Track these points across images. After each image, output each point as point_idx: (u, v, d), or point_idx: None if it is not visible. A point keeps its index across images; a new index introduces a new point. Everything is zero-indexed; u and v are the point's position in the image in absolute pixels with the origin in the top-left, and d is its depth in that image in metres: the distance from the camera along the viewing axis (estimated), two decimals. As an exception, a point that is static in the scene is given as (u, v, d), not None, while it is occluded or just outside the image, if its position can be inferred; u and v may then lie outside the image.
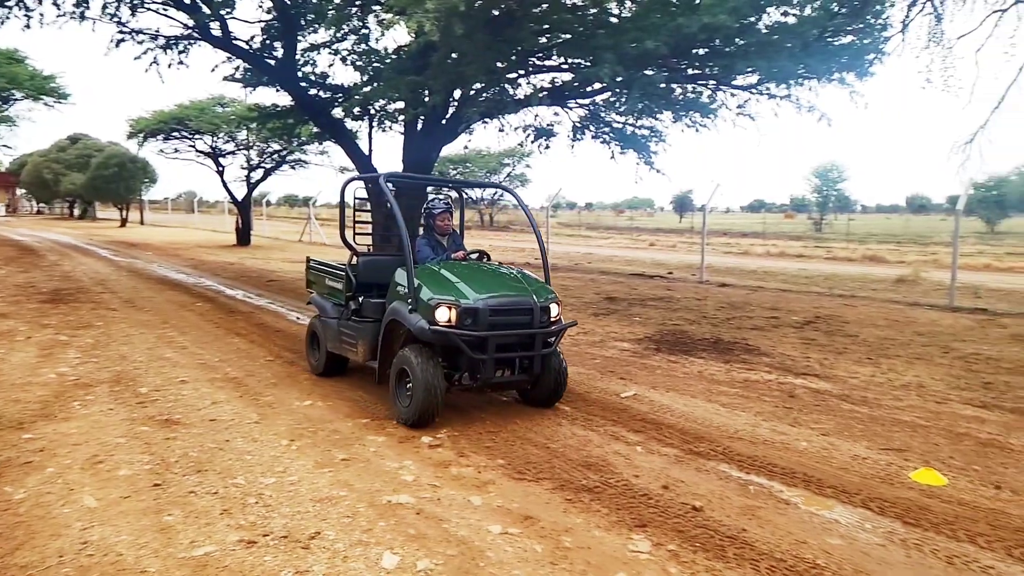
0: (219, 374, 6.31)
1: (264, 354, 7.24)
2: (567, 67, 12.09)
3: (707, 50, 10.19)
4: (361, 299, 5.74)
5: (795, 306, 11.07)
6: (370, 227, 7.07)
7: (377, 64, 12.21)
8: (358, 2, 10.37)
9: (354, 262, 6.05)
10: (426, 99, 11.29)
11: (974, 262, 19.37)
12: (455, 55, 9.62)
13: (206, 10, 11.08)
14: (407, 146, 14.66)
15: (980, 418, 5.41)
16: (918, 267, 16.40)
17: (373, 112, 15.00)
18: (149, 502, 3.50)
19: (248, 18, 13.49)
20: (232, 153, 27.09)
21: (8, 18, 11.17)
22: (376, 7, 10.47)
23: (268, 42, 12.67)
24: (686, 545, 3.23)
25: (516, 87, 12.86)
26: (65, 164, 42.04)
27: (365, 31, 11.84)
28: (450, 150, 46.78)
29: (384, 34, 12.14)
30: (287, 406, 5.34)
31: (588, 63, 10.22)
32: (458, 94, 12.92)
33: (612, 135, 13.66)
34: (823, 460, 4.47)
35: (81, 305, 10.14)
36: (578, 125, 13.91)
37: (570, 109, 13.81)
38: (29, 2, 10.96)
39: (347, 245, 6.21)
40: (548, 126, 14.28)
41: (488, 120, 13.89)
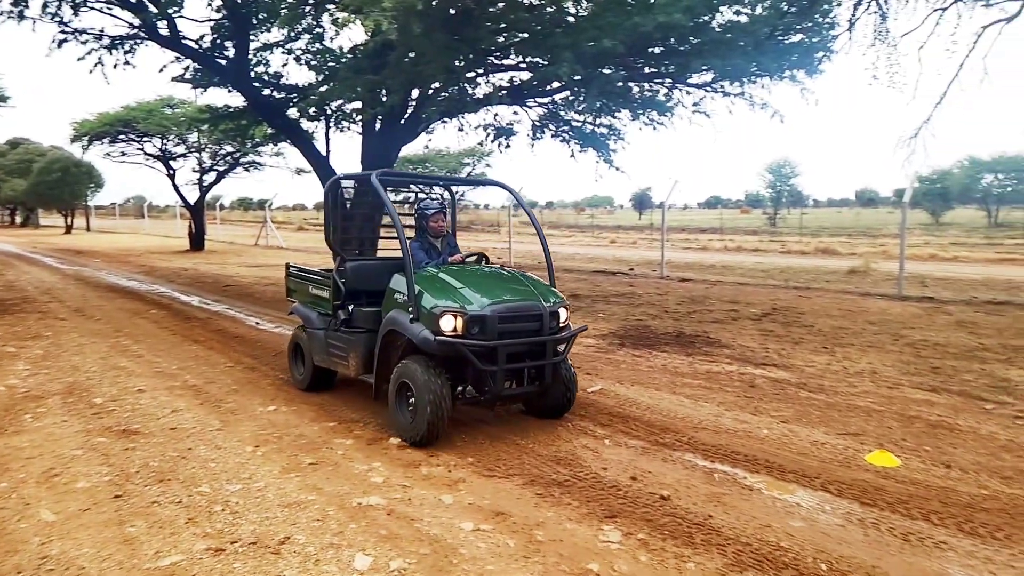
0: (178, 382, 6.16)
1: (224, 360, 7.09)
2: (525, 66, 12.13)
3: (663, 49, 10.36)
4: (351, 308, 5.33)
5: (753, 299, 11.35)
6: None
7: (332, 64, 12.06)
8: (311, 0, 10.20)
9: (341, 268, 5.59)
10: (384, 99, 11.20)
11: (920, 253, 20.13)
12: (413, 54, 9.56)
13: (153, 9, 10.76)
14: (365, 146, 14.50)
15: (929, 401, 5.63)
16: (868, 259, 16.98)
17: (329, 112, 14.79)
18: (110, 514, 3.40)
19: (197, 17, 13.08)
20: (183, 156, 26.39)
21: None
22: (330, 6, 10.34)
23: (219, 41, 12.36)
24: (655, 533, 3.29)
25: (475, 86, 12.85)
26: (5, 170, 40.38)
27: (319, 30, 11.67)
28: (410, 150, 46.43)
29: (339, 33, 11.97)
30: (250, 412, 5.24)
31: (546, 62, 10.28)
32: (416, 93, 12.85)
33: (572, 134, 13.77)
34: (784, 446, 4.60)
35: (28, 315, 9.75)
36: (538, 124, 13.98)
37: (529, 108, 13.86)
38: (-38, 2, 10.50)
39: (334, 250, 5.76)
40: (508, 125, 14.30)
41: (448, 119, 13.85)
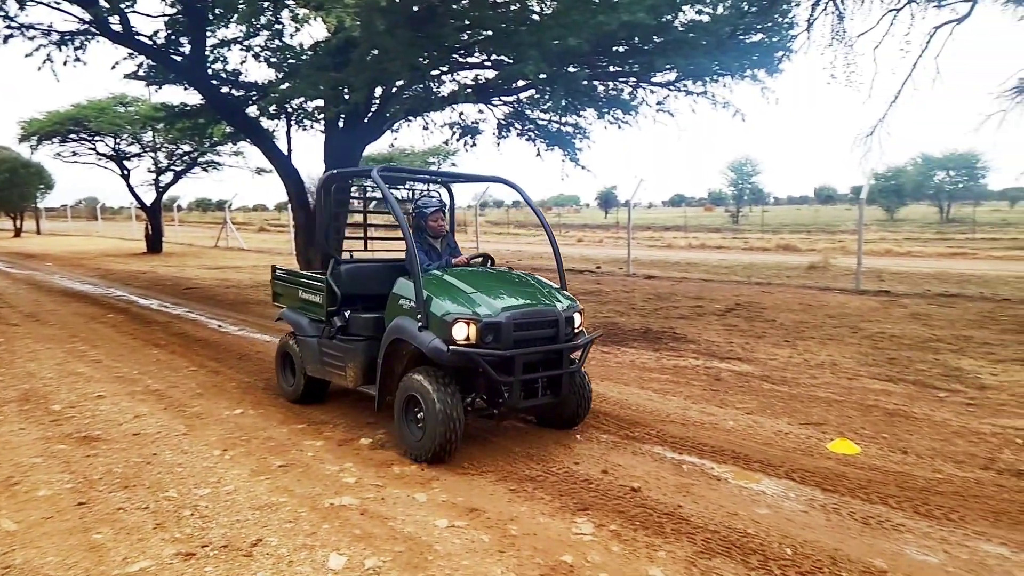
0: (139, 387, 6.01)
1: (187, 364, 6.94)
2: (490, 64, 12.13)
3: (627, 48, 10.47)
4: (348, 314, 4.98)
5: (717, 295, 11.56)
6: (354, 231, 5.97)
7: (293, 61, 11.86)
8: (271, -5, 10.04)
9: (334, 271, 5.20)
10: (347, 97, 11.08)
11: (877, 248, 20.76)
12: (376, 51, 9.48)
13: (104, 3, 10.44)
14: (329, 145, 14.33)
15: (887, 391, 5.83)
16: (827, 254, 17.45)
17: (291, 110, 14.57)
18: (74, 521, 3.31)
19: (151, 12, 12.71)
20: (138, 155, 25.56)
21: None
22: (290, 1, 10.19)
23: (173, 37, 12.04)
24: (627, 524, 3.35)
25: (440, 84, 12.81)
26: (-51, 171, 38.65)
27: (278, 26, 11.47)
28: (374, 149, 45.95)
29: (299, 30, 11.78)
30: (216, 416, 5.15)
31: (511, 60, 10.30)
32: (380, 91, 12.74)
33: (537, 132, 13.83)
34: (749, 437, 4.71)
35: (-23, 321, 9.40)
36: (503, 123, 14.00)
37: (495, 107, 13.88)
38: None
39: (326, 252, 5.36)
40: (473, 124, 14.29)
41: (412, 118, 13.77)
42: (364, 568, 2.85)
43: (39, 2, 10.80)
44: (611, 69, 11.62)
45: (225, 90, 13.68)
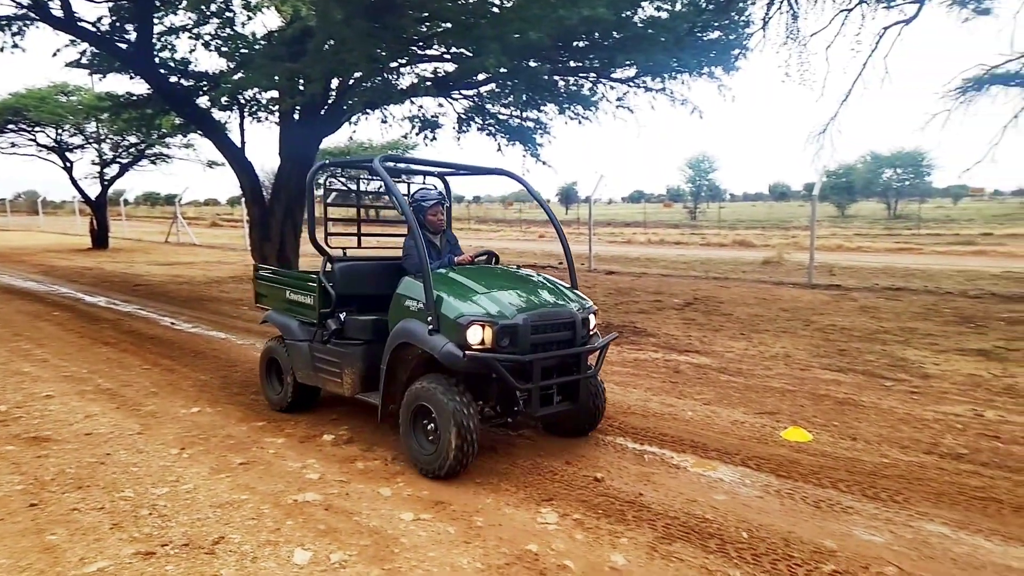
0: (89, 386, 5.82)
1: (139, 363, 6.76)
2: (450, 57, 12.08)
3: (587, 43, 10.55)
4: (344, 316, 4.63)
5: (676, 289, 11.79)
6: (347, 226, 5.55)
7: (246, 50, 11.60)
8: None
9: (328, 269, 4.87)
10: (303, 88, 10.90)
11: (828, 243, 21.44)
12: (333, 42, 9.35)
13: (44, -13, 10.05)
14: (284, 138, 14.06)
15: (837, 381, 6.05)
16: (781, 250, 17.96)
17: (244, 102, 14.25)
18: (27, 523, 3.20)
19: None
20: (81, 147, 24.56)
21: None
22: (242, -11, 9.96)
23: (118, 24, 11.61)
24: (590, 513, 3.41)
25: (399, 77, 12.69)
26: None
27: (229, 14, 11.19)
28: (331, 142, 45.16)
29: (251, 18, 11.51)
30: (172, 415, 5.04)
31: (471, 53, 10.28)
32: (338, 83, 12.55)
33: (498, 127, 13.83)
34: (707, 426, 4.84)
35: (-88, 320, 8.96)
36: (463, 117, 13.96)
37: (455, 100, 13.83)
38: None
39: (319, 249, 4.93)
40: (433, 117, 14.20)
41: (371, 111, 13.62)
42: (330, 562, 2.84)
43: (-26, -15, 10.33)
44: (571, 64, 11.70)
45: (174, 80, 13.28)
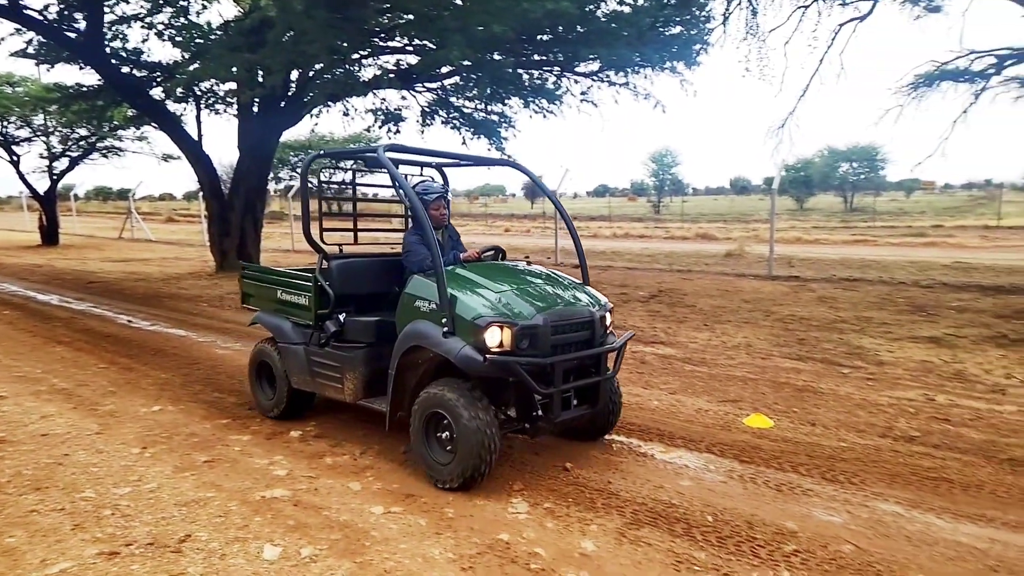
0: (44, 386, 5.64)
1: (95, 362, 6.57)
2: (412, 49, 11.99)
3: (552, 36, 10.59)
4: (343, 317, 4.35)
5: (641, 282, 11.94)
6: (341, 221, 5.20)
7: (201, 40, 11.33)
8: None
9: (324, 268, 4.55)
10: (262, 80, 10.70)
11: (787, 236, 21.96)
12: (293, 33, 9.19)
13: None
14: (243, 130, 13.80)
15: (797, 369, 6.22)
16: (742, 242, 18.32)
17: (200, 93, 13.94)
18: (-19, 527, 3.10)
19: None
20: (28, 140, 23.64)
21: None
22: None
23: (67, 12, 11.22)
24: (560, 502, 3.45)
25: (361, 68, 12.56)
26: None
27: (184, 3, 10.90)
28: (291, 135, 44.33)
29: (207, 7, 11.23)
30: (132, 414, 4.92)
31: (434, 45, 10.23)
32: (298, 75, 12.36)
33: (462, 120, 13.80)
34: (672, 415, 4.94)
35: None
36: (427, 110, 13.89)
37: (418, 93, 13.74)
38: None
39: (314, 246, 4.57)
40: (396, 110, 14.10)
41: (332, 103, 13.46)
42: (300, 557, 2.82)
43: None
44: (536, 58, 11.74)
45: (126, 70, 12.90)
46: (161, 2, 10.72)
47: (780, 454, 4.16)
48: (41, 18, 11.04)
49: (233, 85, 12.02)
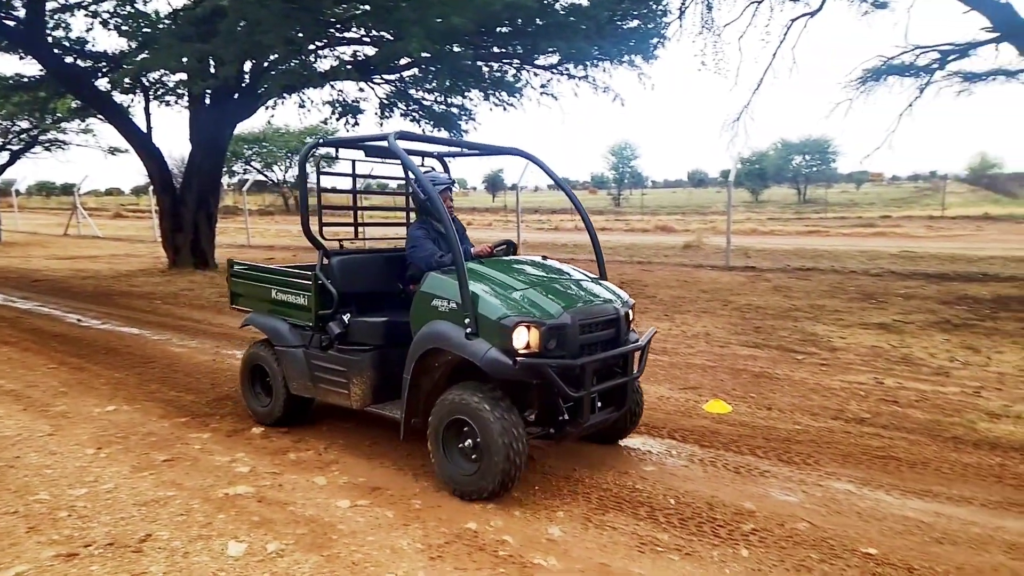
0: (-11, 388, 5.43)
1: (45, 362, 6.34)
2: (369, 40, 11.84)
3: (511, 29, 10.59)
4: (348, 318, 4.06)
5: (601, 272, 12.06)
6: (345, 216, 4.91)
7: (148, 29, 10.98)
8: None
9: (324, 264, 4.27)
10: (214, 70, 10.44)
11: (744, 227, 22.46)
12: (247, 22, 8.99)
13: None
14: (195, 123, 13.44)
15: (753, 356, 6.39)
16: (700, 234, 18.68)
17: (149, 84, 13.53)
18: (-73, 534, 2.98)
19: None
20: (-36, 134, 22.69)
21: None
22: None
23: (5, 0, 10.77)
24: (527, 490, 3.49)
25: (318, 60, 12.34)
26: None
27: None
28: (245, 127, 43.25)
29: (155, -5, 10.92)
30: (85, 414, 4.77)
31: (392, 36, 10.13)
32: (252, 66, 12.09)
33: (422, 112, 13.69)
34: (635, 403, 5.02)
35: None
36: (386, 102, 13.74)
37: (377, 85, 13.59)
38: None
39: (313, 242, 4.28)
40: (354, 102, 13.91)
41: (288, 95, 13.22)
42: (267, 552, 2.80)
43: None
44: (495, 50, 11.73)
45: (70, 60, 12.43)
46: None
47: (738, 438, 4.28)
48: (-23, 6, 10.57)
49: (184, 76, 11.67)
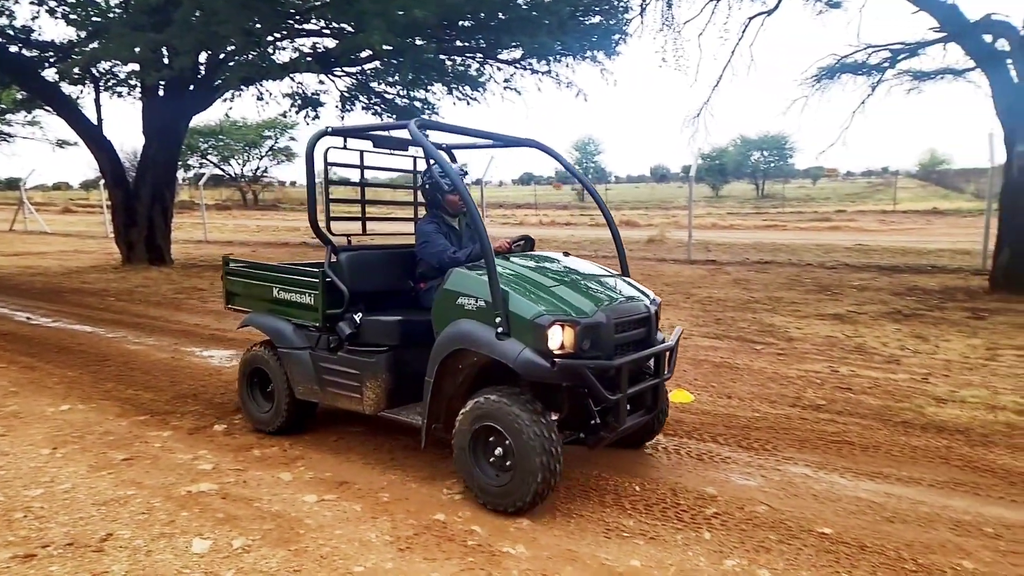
0: (-66, 389, 5.22)
1: (-7, 361, 6.12)
2: (330, 32, 11.68)
3: (474, 23, 10.56)
4: (359, 318, 3.81)
5: (565, 266, 12.16)
6: (352, 209, 4.57)
7: (98, 18, 10.63)
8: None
9: (333, 260, 4.03)
10: (168, 61, 10.16)
11: (704, 222, 22.89)
12: (202, 12, 8.77)
13: None
14: (148, 115, 13.09)
15: (714, 347, 6.54)
16: (663, 229, 18.96)
17: (99, 74, 13.11)
18: None
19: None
20: (-99, 126, 21.66)
21: None
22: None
23: (-59, -13, 10.32)
24: (495, 482, 3.51)
25: (276, 51, 12.11)
26: None
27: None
28: (202, 120, 42.15)
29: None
30: (38, 414, 4.62)
31: (353, 28, 10.01)
32: (208, 56, 11.81)
33: (384, 106, 13.57)
34: (600, 394, 5.09)
35: None
36: (347, 95, 13.57)
37: (337, 77, 13.41)
38: None
39: (321, 237, 4.02)
40: (314, 95, 13.70)
41: (245, 87, 12.95)
42: (232, 548, 2.76)
43: None
44: (458, 44, 11.68)
45: (14, 50, 11.95)
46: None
47: (700, 426, 4.38)
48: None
49: (136, 67, 11.33)
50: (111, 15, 10.51)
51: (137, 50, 9.47)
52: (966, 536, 2.96)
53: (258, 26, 9.60)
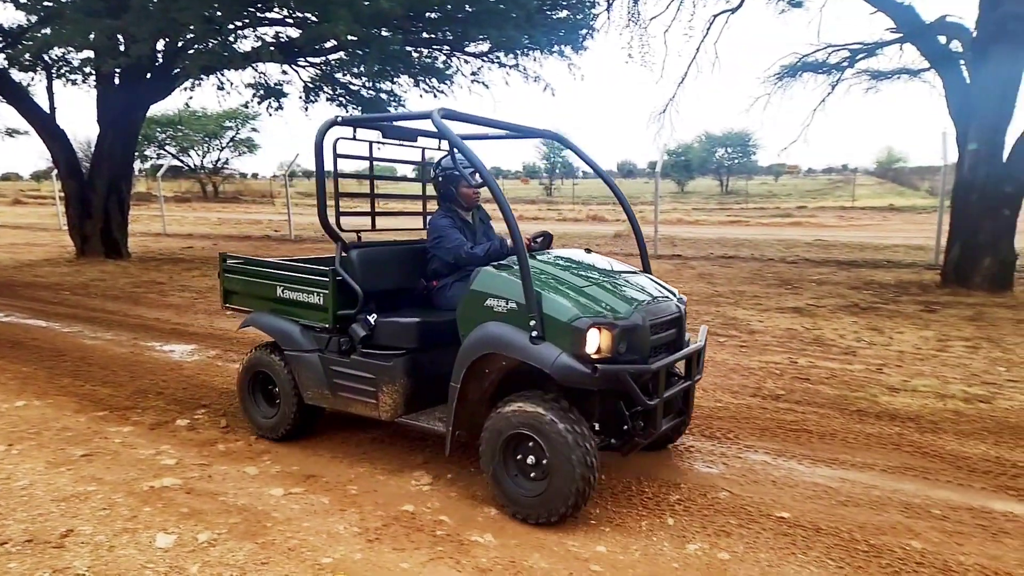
0: None
1: (-59, 357, 5.91)
2: (292, 21, 11.48)
3: (441, 15, 10.49)
4: (374, 319, 3.60)
5: (533, 260, 12.20)
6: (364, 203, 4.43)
7: (51, 3, 10.27)
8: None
9: (343, 257, 3.85)
10: (125, 48, 9.88)
11: (670, 217, 23.18)
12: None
13: None
14: (104, 103, 12.72)
15: (678, 338, 6.65)
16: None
17: (51, 61, 12.68)
18: None
19: None
20: None
21: None
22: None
23: None
24: (463, 472, 3.54)
25: (238, 40, 11.86)
26: None
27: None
28: (160, 109, 40.98)
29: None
30: (-9, 410, 4.49)
31: (317, 18, 9.86)
32: (167, 44, 11.50)
33: (349, 98, 13.41)
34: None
35: None
36: (311, 86, 13.37)
37: (301, 68, 13.20)
38: None
39: (330, 233, 3.79)
40: (277, 85, 13.46)
41: (206, 76, 12.65)
42: (198, 542, 2.73)
43: None
44: (425, 36, 11.60)
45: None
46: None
47: (665, 416, 4.47)
48: None
49: (91, 54, 10.98)
50: (65, 0, 10.16)
51: (92, 36, 9.19)
52: (915, 518, 3.09)
53: (219, 13, 9.39)
